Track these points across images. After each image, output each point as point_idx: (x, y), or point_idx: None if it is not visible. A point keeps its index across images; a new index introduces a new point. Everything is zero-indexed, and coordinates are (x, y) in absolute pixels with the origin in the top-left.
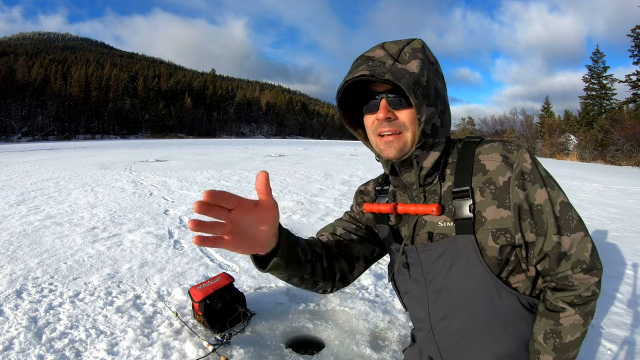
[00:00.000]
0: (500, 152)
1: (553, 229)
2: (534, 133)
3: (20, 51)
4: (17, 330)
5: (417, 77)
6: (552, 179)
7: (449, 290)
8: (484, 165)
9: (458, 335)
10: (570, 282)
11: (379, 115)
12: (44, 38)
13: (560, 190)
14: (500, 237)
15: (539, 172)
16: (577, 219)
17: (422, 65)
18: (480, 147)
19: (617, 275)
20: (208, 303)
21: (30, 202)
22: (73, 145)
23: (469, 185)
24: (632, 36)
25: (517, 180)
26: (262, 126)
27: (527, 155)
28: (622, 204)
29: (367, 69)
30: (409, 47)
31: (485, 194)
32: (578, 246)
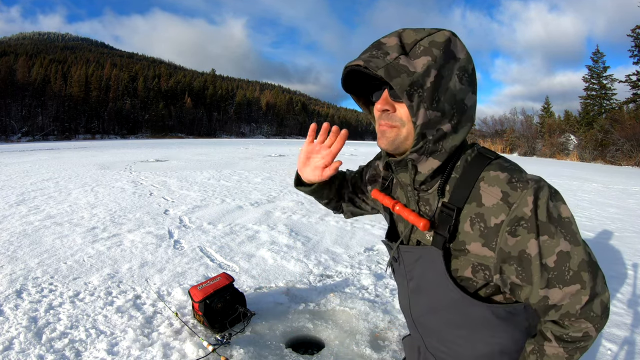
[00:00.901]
0: (502, 188)
1: (540, 283)
2: (534, 133)
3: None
4: (17, 330)
5: (418, 77)
6: (555, 223)
7: (424, 293)
8: (480, 196)
9: (435, 334)
10: (562, 321)
11: (377, 106)
12: (44, 38)
13: (561, 236)
14: (479, 271)
15: (536, 218)
16: (576, 269)
17: (431, 63)
18: (487, 171)
19: (617, 275)
20: (208, 303)
21: (30, 202)
22: (73, 145)
23: (459, 207)
24: (632, 36)
25: (510, 227)
26: (262, 126)
27: (531, 199)
28: (622, 204)
29: (364, 58)
30: (428, 39)
31: (474, 228)
32: (571, 298)
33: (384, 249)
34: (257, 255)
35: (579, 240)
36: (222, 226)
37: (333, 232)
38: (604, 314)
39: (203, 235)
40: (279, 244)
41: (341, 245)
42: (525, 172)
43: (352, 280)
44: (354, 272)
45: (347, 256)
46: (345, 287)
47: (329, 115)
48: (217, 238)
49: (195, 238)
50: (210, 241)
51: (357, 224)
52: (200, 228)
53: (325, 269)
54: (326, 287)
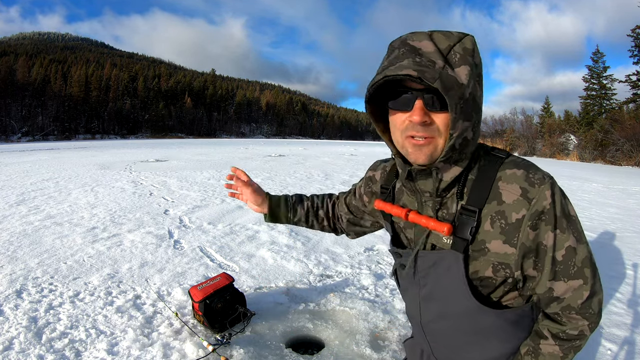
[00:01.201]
0: (521, 185)
1: (548, 275)
2: (534, 133)
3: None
4: (17, 330)
5: (464, 90)
6: (566, 219)
7: (437, 299)
8: (500, 194)
9: (445, 339)
10: (560, 317)
11: (414, 118)
12: (44, 38)
13: (571, 232)
14: (500, 270)
15: (555, 212)
16: (580, 265)
17: (470, 73)
18: (503, 170)
19: (617, 275)
20: (208, 303)
21: (30, 202)
22: (73, 145)
23: (480, 207)
24: (632, 36)
25: (531, 221)
26: (262, 126)
27: (549, 192)
28: (622, 204)
29: (414, 67)
30: (460, 46)
31: (494, 226)
32: (573, 292)
33: (384, 249)
34: (257, 255)
35: (583, 238)
36: (222, 226)
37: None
38: (599, 313)
39: (203, 235)
40: (279, 244)
41: (341, 245)
42: (539, 167)
43: (352, 280)
44: (354, 272)
45: (347, 256)
46: (345, 287)
47: (329, 115)
48: (217, 238)
49: (195, 238)
50: (210, 241)
51: None
52: (200, 228)
53: (325, 269)
54: (326, 287)
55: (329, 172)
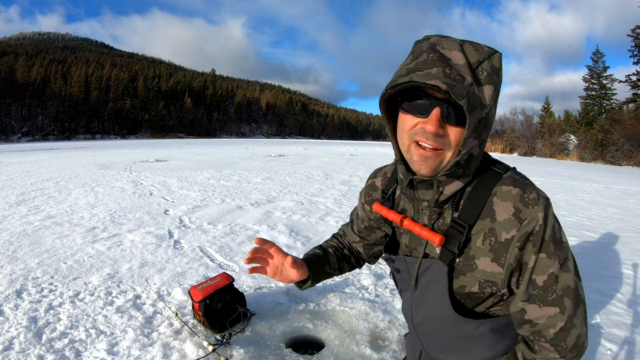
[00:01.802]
0: (514, 204)
1: (522, 296)
2: (534, 133)
3: (20, 51)
4: (17, 330)
5: (485, 111)
6: (554, 244)
7: (425, 304)
8: (494, 212)
9: (434, 340)
10: (533, 343)
11: (429, 127)
12: (44, 38)
13: (557, 259)
14: (486, 287)
15: (543, 235)
16: (560, 294)
17: (493, 95)
18: (499, 186)
19: (617, 275)
20: (208, 303)
21: (30, 202)
22: (73, 145)
23: (470, 224)
24: (632, 36)
25: (520, 242)
26: (262, 126)
27: (541, 215)
28: (622, 204)
29: (444, 80)
30: (489, 63)
31: (485, 243)
32: (547, 320)
33: None
34: None
35: (570, 267)
36: (222, 226)
37: (333, 232)
38: (575, 349)
39: (203, 235)
40: (279, 244)
41: None
42: (535, 186)
43: (352, 280)
44: (354, 272)
45: None
46: (345, 287)
47: (329, 115)
48: (217, 238)
49: (195, 238)
50: (210, 241)
51: None
52: (200, 228)
53: None
54: (326, 287)
55: (329, 172)
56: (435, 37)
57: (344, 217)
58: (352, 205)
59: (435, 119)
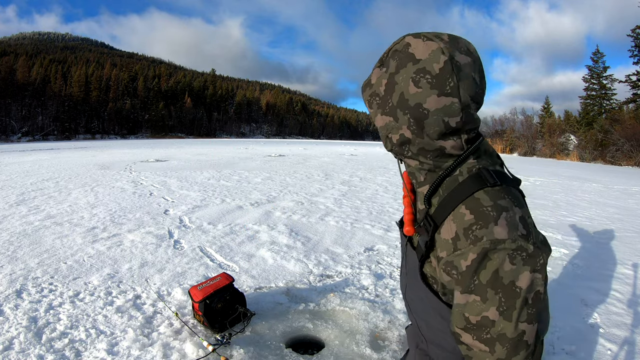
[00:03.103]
0: (458, 230)
1: (458, 322)
2: (534, 133)
3: (20, 51)
4: (17, 330)
5: (374, 89)
6: (494, 290)
7: (408, 277)
8: (443, 224)
9: (423, 320)
10: None
11: None
12: (44, 38)
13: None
14: (433, 283)
15: (472, 277)
16: (495, 337)
17: (382, 73)
18: (462, 204)
19: (617, 276)
20: (208, 303)
21: (30, 202)
22: (73, 145)
23: (438, 225)
24: (632, 36)
25: (445, 267)
26: (262, 126)
27: (473, 256)
28: (622, 204)
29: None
30: (392, 49)
31: (435, 247)
32: (480, 353)
33: (384, 249)
34: (257, 255)
35: (512, 316)
36: (222, 226)
37: (333, 232)
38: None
39: (203, 235)
40: (279, 244)
41: (341, 245)
42: (499, 223)
43: (352, 280)
44: (354, 272)
45: (347, 256)
46: (345, 287)
47: (329, 115)
48: (217, 238)
49: (195, 238)
50: (210, 241)
51: (357, 224)
52: (200, 228)
53: (325, 269)
54: (326, 287)
55: (329, 172)
56: None
57: (344, 217)
58: (352, 205)
59: None
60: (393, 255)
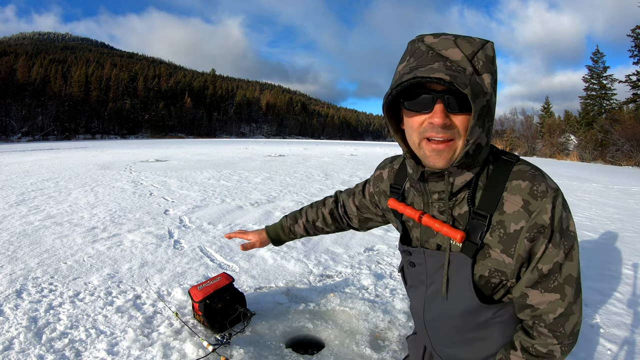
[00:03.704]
0: (524, 197)
1: (526, 281)
2: (534, 133)
3: (20, 51)
4: (17, 330)
5: (487, 98)
6: (561, 233)
7: (443, 298)
8: (503, 204)
9: (445, 336)
10: (532, 329)
11: (435, 120)
12: (44, 38)
13: (562, 248)
14: (495, 276)
15: (552, 226)
16: (562, 281)
17: (492, 81)
18: (510, 181)
19: (617, 275)
20: (208, 303)
21: (30, 202)
22: (73, 145)
23: (490, 213)
24: (632, 36)
25: (529, 233)
26: (262, 126)
27: (550, 206)
28: (622, 204)
29: (446, 72)
30: (483, 52)
31: (493, 235)
32: (547, 305)
33: (384, 249)
34: (257, 255)
35: (574, 257)
36: (222, 226)
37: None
38: (571, 336)
39: (203, 235)
40: None
41: (341, 245)
42: (546, 178)
43: (352, 280)
44: (354, 272)
45: (347, 256)
46: (345, 287)
47: (329, 115)
48: (217, 238)
49: (195, 238)
50: (210, 241)
51: None
52: (200, 228)
53: (325, 269)
54: (326, 287)
55: (329, 172)
56: (429, 37)
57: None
58: None
59: (440, 111)
60: (393, 255)
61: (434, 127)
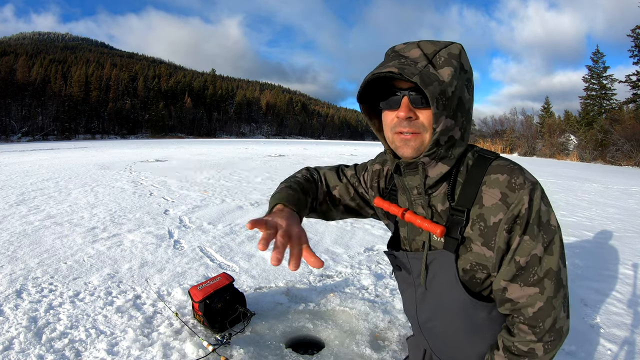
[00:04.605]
0: (502, 190)
1: (505, 274)
2: (534, 133)
3: (20, 51)
4: (17, 330)
5: (445, 87)
6: (539, 226)
7: (432, 297)
8: (482, 198)
9: (442, 336)
10: (513, 326)
11: (400, 114)
12: (44, 38)
13: (540, 241)
14: (478, 270)
15: (528, 217)
16: (541, 275)
17: (453, 73)
18: (488, 175)
19: (617, 275)
20: (208, 303)
21: (30, 202)
22: (73, 145)
23: (468, 207)
24: (632, 36)
25: (507, 225)
26: (262, 126)
27: (527, 198)
28: (622, 204)
29: (397, 65)
30: (446, 50)
31: (474, 229)
32: (527, 299)
33: (384, 249)
34: (257, 255)
35: (554, 250)
36: (222, 226)
37: (333, 232)
38: (552, 332)
39: (203, 235)
40: None
41: (341, 245)
42: (524, 172)
43: (352, 280)
44: (354, 272)
45: (347, 256)
46: (345, 287)
47: (329, 115)
48: (217, 238)
49: (195, 238)
50: (210, 241)
51: (357, 224)
52: (200, 228)
53: (325, 269)
54: (326, 287)
55: None
56: (399, 45)
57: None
58: None
59: (404, 106)
60: None
61: (401, 122)
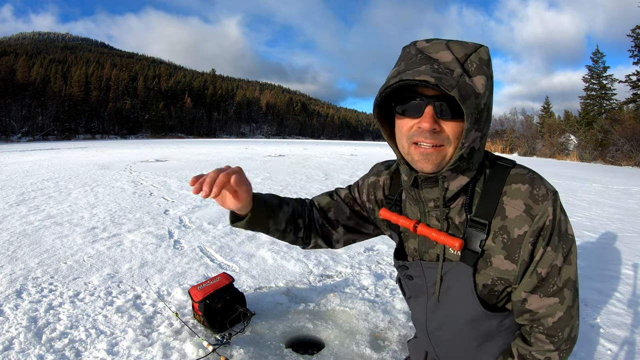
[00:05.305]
0: (525, 201)
1: (525, 286)
2: (534, 133)
3: (20, 51)
4: (17, 330)
5: (480, 100)
6: (559, 237)
7: (445, 307)
8: (504, 210)
9: (450, 344)
10: (530, 335)
11: (424, 125)
12: (44, 38)
13: (560, 252)
14: (498, 284)
15: (552, 229)
16: (560, 285)
17: (486, 84)
18: (509, 185)
19: (617, 275)
20: (208, 303)
21: (30, 202)
22: (73, 145)
23: (489, 220)
24: (632, 36)
25: (533, 237)
26: (262, 126)
27: (551, 209)
28: (622, 204)
29: (432, 74)
30: (476, 55)
31: (496, 241)
32: (546, 309)
33: (384, 249)
34: (257, 255)
35: (572, 260)
36: (222, 226)
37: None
38: (569, 341)
39: (203, 235)
40: (279, 244)
41: None
42: (544, 181)
43: (352, 280)
44: (354, 272)
45: (347, 256)
46: (345, 287)
47: (329, 115)
48: (217, 238)
49: (195, 238)
50: (210, 241)
51: None
52: (200, 228)
53: (325, 269)
54: (326, 287)
55: (329, 172)
56: (421, 42)
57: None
58: None
59: (429, 116)
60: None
61: (423, 132)
